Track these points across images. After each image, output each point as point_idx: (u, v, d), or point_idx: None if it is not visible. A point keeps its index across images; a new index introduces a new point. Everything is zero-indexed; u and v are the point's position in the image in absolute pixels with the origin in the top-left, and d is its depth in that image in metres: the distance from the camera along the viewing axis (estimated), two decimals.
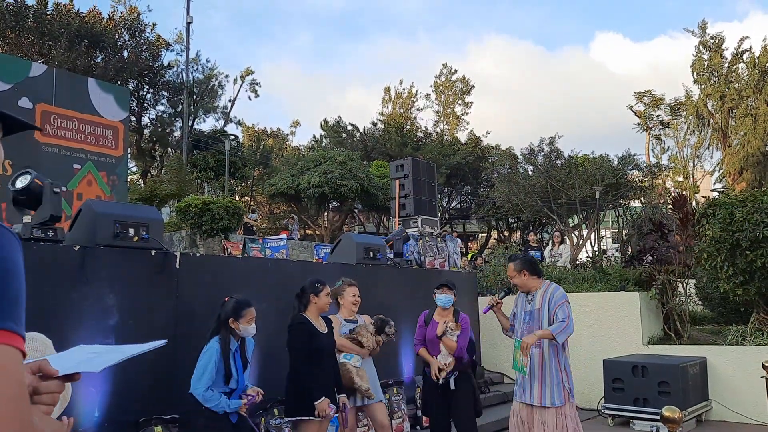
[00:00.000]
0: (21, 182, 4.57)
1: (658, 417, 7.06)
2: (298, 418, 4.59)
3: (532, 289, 4.95)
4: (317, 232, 28.41)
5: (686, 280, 9.23)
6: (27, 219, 4.69)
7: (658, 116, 33.54)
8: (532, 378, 4.77)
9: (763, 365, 5.01)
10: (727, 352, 8.11)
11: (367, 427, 6.16)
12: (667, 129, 33.81)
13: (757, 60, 28.89)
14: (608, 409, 7.94)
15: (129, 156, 22.16)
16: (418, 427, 7.03)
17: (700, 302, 10.35)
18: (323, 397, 4.52)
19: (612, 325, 8.97)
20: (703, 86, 30.65)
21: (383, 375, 5.98)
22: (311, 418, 4.53)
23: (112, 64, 24.24)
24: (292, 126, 46.66)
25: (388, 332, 5.25)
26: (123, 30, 26.25)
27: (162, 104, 29.00)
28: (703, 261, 8.43)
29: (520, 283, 5.00)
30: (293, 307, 4.89)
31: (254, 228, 22.86)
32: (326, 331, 4.84)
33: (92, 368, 1.35)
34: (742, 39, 29.70)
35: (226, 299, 4.41)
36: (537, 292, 4.93)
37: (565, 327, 4.73)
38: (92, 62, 23.75)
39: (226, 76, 32.70)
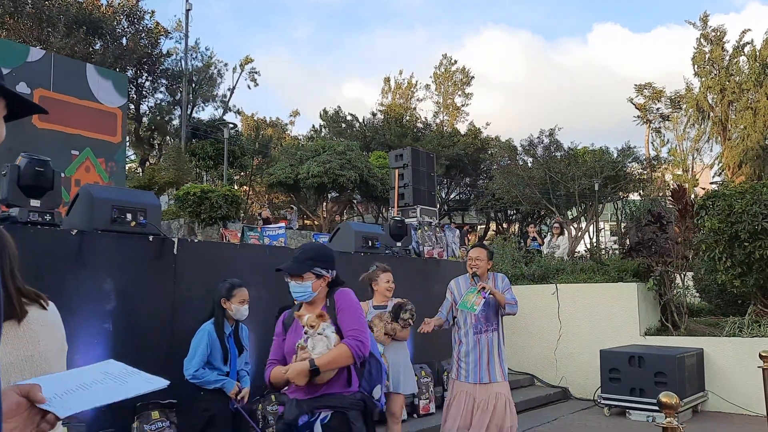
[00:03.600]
0: (35, 164, 4.59)
1: (654, 407, 7.10)
2: None
3: (483, 278, 5.22)
4: (316, 222, 28.39)
5: (684, 272, 9.24)
6: (36, 203, 4.69)
7: (658, 109, 33.50)
8: (490, 358, 5.16)
9: (760, 355, 5.02)
10: (724, 343, 8.13)
11: None
12: (667, 122, 33.77)
13: (758, 53, 28.81)
14: (604, 398, 7.97)
15: (127, 144, 22.11)
16: (415, 415, 7.05)
17: (697, 294, 10.36)
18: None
19: (609, 316, 8.99)
20: (703, 79, 30.58)
21: None
22: None
23: (110, 51, 24.12)
24: (291, 116, 46.61)
25: (404, 317, 5.11)
26: (122, 17, 26.12)
27: (161, 92, 28.92)
28: (701, 252, 8.44)
29: (484, 271, 5.23)
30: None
31: (271, 220, 22.95)
32: None
33: (83, 407, 1.27)
34: (744, 32, 29.62)
35: (219, 285, 4.46)
36: (487, 281, 5.22)
37: (514, 305, 5.20)
38: (91, 49, 23.64)
39: (225, 65, 32.56)
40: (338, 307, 3.08)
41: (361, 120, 34.51)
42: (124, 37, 25.74)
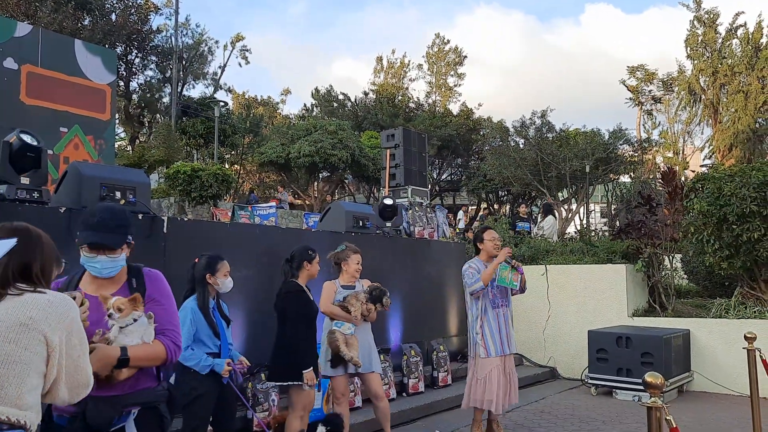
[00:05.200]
0: (29, 139, 4.55)
1: (640, 387, 7.19)
2: (289, 383, 4.61)
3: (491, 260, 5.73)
4: (307, 202, 28.33)
5: (672, 254, 9.31)
6: (26, 180, 4.65)
7: (650, 91, 33.52)
8: (509, 330, 5.65)
9: (745, 336, 5.08)
10: (710, 324, 8.22)
11: (353, 393, 6.24)
12: (658, 104, 33.80)
13: (750, 36, 28.79)
14: (592, 378, 8.05)
15: (117, 121, 21.90)
16: (404, 394, 7.12)
17: (685, 276, 10.45)
18: (311, 367, 4.58)
19: (598, 297, 9.06)
20: (696, 61, 30.55)
21: None
22: (301, 383, 4.57)
23: (99, 27, 23.80)
24: (282, 94, 46.31)
25: (385, 303, 5.15)
26: None
27: (151, 69, 28.62)
28: (690, 235, 8.49)
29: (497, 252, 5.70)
30: (283, 272, 4.88)
31: (295, 205, 23.05)
32: (312, 298, 4.88)
33: None
34: (737, 14, 29.57)
35: (197, 260, 4.41)
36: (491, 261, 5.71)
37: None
38: (79, 25, 23.30)
39: (216, 42, 32.29)
40: (151, 294, 2.59)
41: (353, 99, 34.33)
42: (113, 13, 25.38)
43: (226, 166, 25.74)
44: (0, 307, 1.83)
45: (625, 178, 24.38)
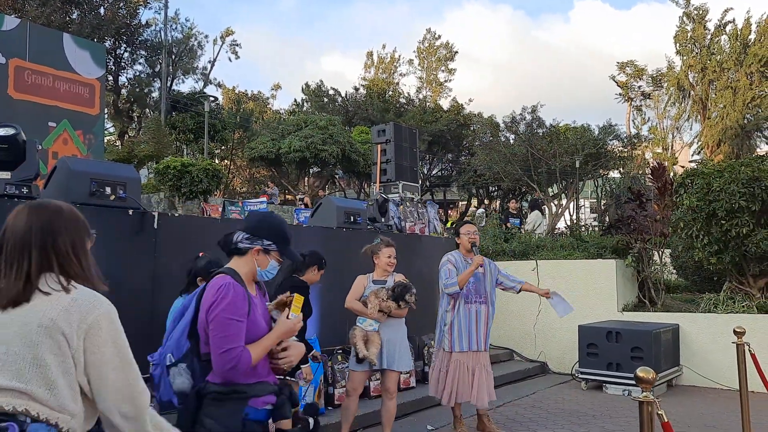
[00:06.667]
0: (3, 131, 4.48)
1: (630, 381, 7.23)
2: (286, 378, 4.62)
3: (471, 255, 5.80)
4: (298, 197, 28.28)
5: (662, 249, 9.36)
6: (6, 175, 4.59)
7: (639, 87, 33.63)
8: (480, 327, 5.70)
9: (734, 330, 5.12)
10: (699, 319, 8.28)
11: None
12: (648, 100, 33.94)
13: (739, 32, 28.94)
14: (582, 373, 8.10)
15: (106, 116, 21.75)
16: None
17: (674, 271, 10.52)
18: (308, 363, 4.58)
19: (588, 292, 9.10)
20: (685, 57, 30.69)
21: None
22: (295, 379, 4.57)
23: (88, 21, 23.59)
24: (273, 89, 46.26)
25: (408, 300, 5.07)
26: None
27: (140, 64, 28.44)
28: (679, 230, 8.54)
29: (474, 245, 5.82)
30: (295, 265, 4.85)
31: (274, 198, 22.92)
32: None
33: None
34: (726, 11, 29.73)
35: (201, 254, 4.38)
36: (473, 257, 5.78)
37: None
38: (67, 18, 23.11)
39: (206, 36, 32.21)
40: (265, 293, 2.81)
41: (343, 95, 34.24)
42: (102, 7, 25.17)
43: (216, 162, 25.63)
44: (25, 308, 1.75)
45: (614, 174, 24.46)
